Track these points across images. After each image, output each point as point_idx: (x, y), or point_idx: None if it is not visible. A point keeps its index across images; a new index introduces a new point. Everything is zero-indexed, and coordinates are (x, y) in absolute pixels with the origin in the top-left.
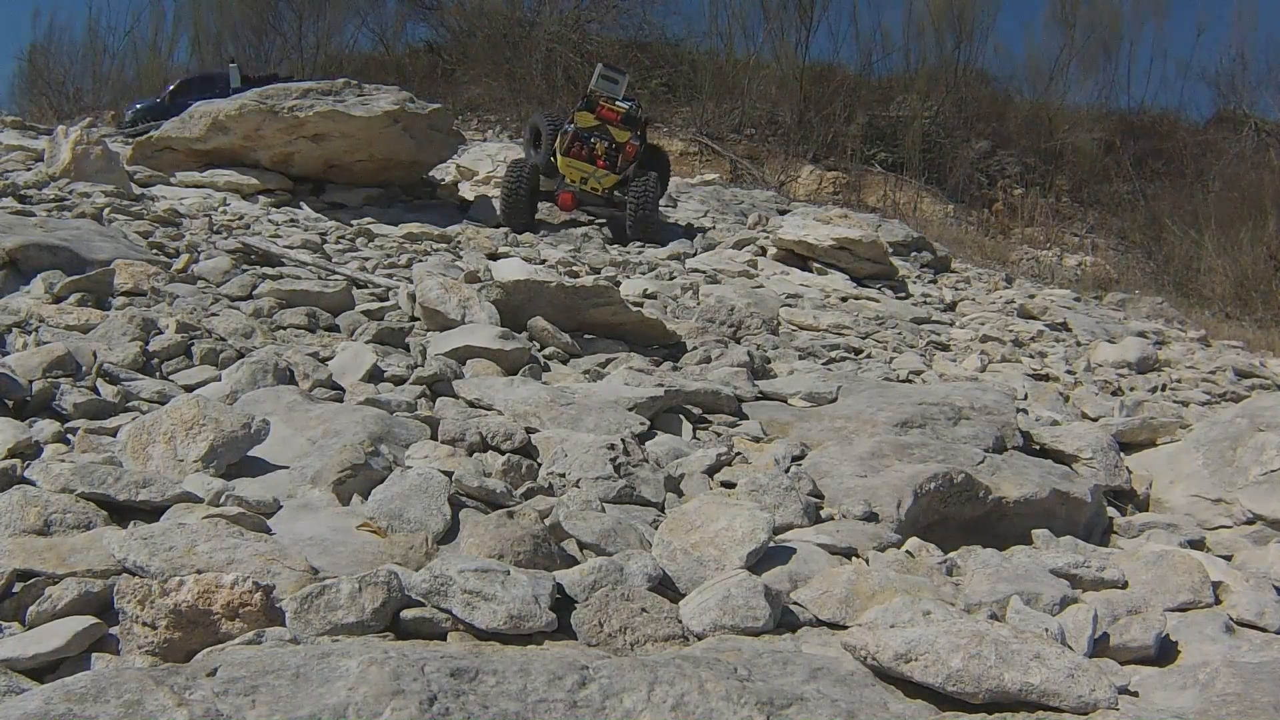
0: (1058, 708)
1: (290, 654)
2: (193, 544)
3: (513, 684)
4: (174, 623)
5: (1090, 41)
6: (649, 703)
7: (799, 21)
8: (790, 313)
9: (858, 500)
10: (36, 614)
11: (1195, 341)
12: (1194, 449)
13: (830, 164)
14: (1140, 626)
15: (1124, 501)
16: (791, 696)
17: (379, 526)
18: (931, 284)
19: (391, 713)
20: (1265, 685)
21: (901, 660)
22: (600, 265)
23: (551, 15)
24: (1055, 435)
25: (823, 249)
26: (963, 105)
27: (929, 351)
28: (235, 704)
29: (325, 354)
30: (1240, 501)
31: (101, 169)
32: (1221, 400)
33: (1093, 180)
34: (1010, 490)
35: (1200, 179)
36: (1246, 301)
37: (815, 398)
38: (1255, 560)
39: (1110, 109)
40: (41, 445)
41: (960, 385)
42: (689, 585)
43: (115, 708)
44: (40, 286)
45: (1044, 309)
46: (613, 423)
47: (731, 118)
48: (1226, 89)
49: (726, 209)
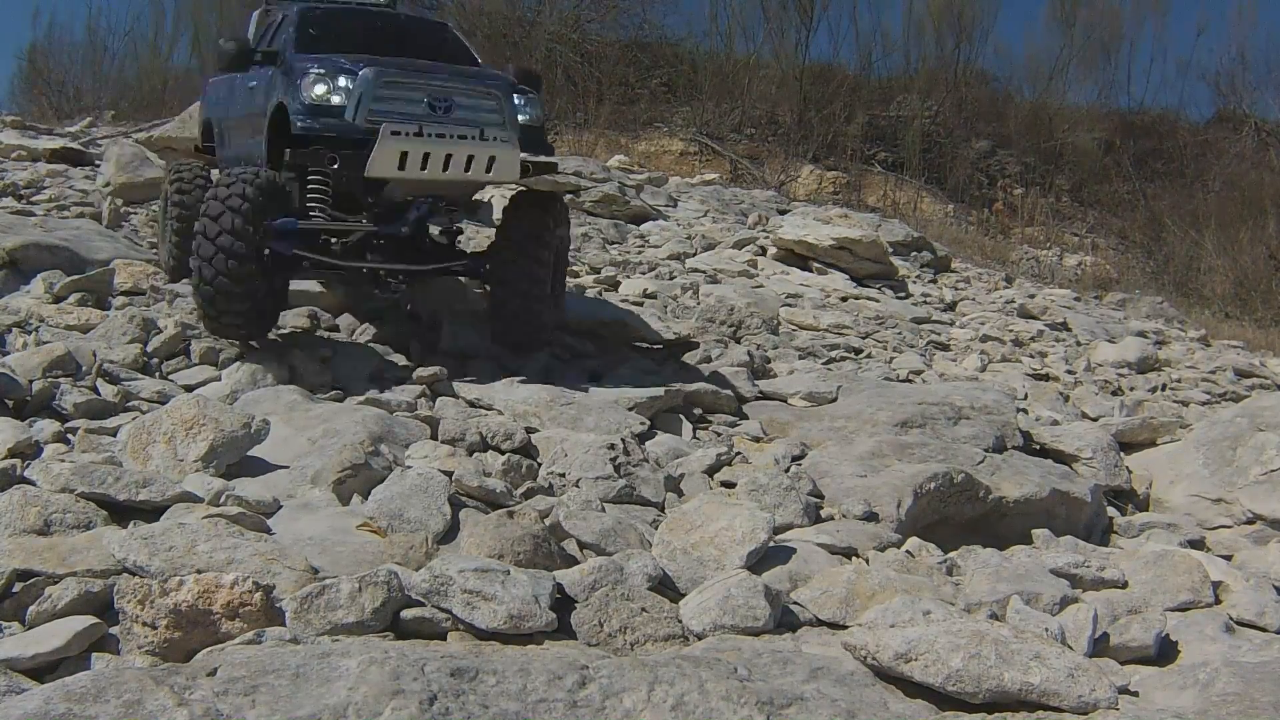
0: (1058, 707)
1: (290, 654)
2: (193, 543)
3: (513, 684)
4: (174, 622)
5: (1090, 41)
6: (649, 703)
7: (799, 21)
8: (790, 312)
9: (858, 500)
10: (36, 614)
11: (1195, 341)
12: (1194, 449)
13: (830, 164)
14: (1140, 626)
15: (1124, 501)
16: (791, 696)
17: (379, 526)
18: (931, 284)
19: (391, 712)
20: (1265, 685)
21: (901, 660)
22: (600, 265)
23: (551, 15)
24: (1055, 435)
25: (823, 249)
26: (963, 105)
27: (929, 351)
28: (235, 704)
29: (324, 353)
30: (1240, 501)
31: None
32: (1221, 400)
33: (1093, 180)
34: (1010, 490)
35: (1200, 179)
36: (1246, 301)
37: (815, 397)
38: (1255, 560)
39: (1110, 109)
40: (41, 445)
41: (960, 385)
42: (689, 585)
43: (115, 707)
44: (40, 286)
45: (1044, 309)
46: (613, 423)
47: (731, 118)
48: (1226, 89)
49: (726, 209)
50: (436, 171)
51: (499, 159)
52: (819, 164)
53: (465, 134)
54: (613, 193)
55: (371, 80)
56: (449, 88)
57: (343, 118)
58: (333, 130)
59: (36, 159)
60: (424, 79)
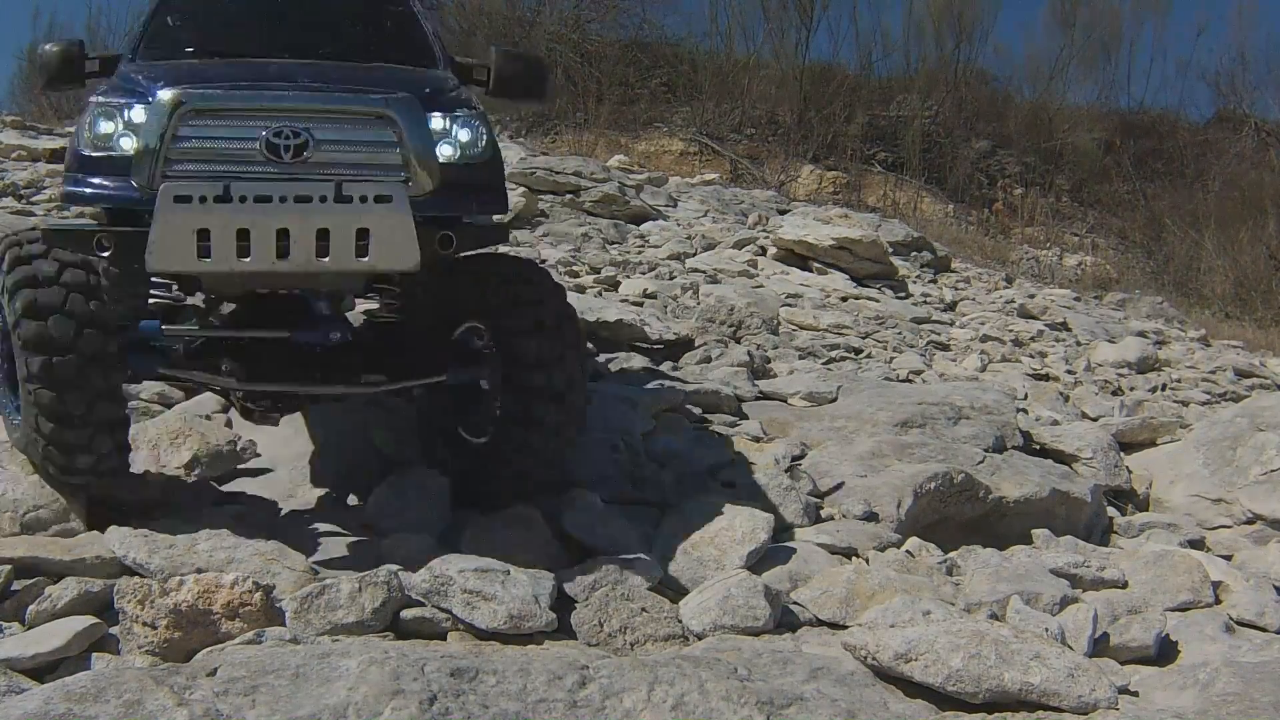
0: (1058, 707)
1: (290, 654)
2: (193, 542)
3: (513, 684)
4: (174, 622)
5: (1090, 41)
6: (649, 703)
7: (799, 21)
8: (790, 312)
9: (858, 500)
10: (36, 613)
11: (1195, 341)
12: (1194, 449)
13: (830, 164)
14: (1140, 626)
15: (1124, 501)
16: (791, 696)
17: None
18: (931, 284)
19: (391, 712)
20: (1265, 685)
21: (901, 660)
22: (600, 265)
23: (551, 15)
24: (1055, 435)
25: (823, 249)
26: (963, 105)
27: (929, 351)
28: (235, 704)
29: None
30: (1240, 501)
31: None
32: (1221, 400)
33: (1093, 180)
34: (1010, 490)
35: (1200, 179)
36: (1246, 301)
37: (815, 397)
38: (1255, 560)
39: (1110, 109)
40: None
41: (960, 385)
42: (689, 585)
43: (115, 707)
44: None
45: (1044, 309)
46: (613, 423)
47: (731, 118)
48: (1226, 89)
49: (726, 209)
50: (266, 259)
51: (376, 233)
52: (819, 164)
53: (313, 192)
54: (613, 193)
55: (167, 108)
56: (305, 110)
57: (128, 175)
58: (109, 195)
59: (36, 159)
60: (268, 96)
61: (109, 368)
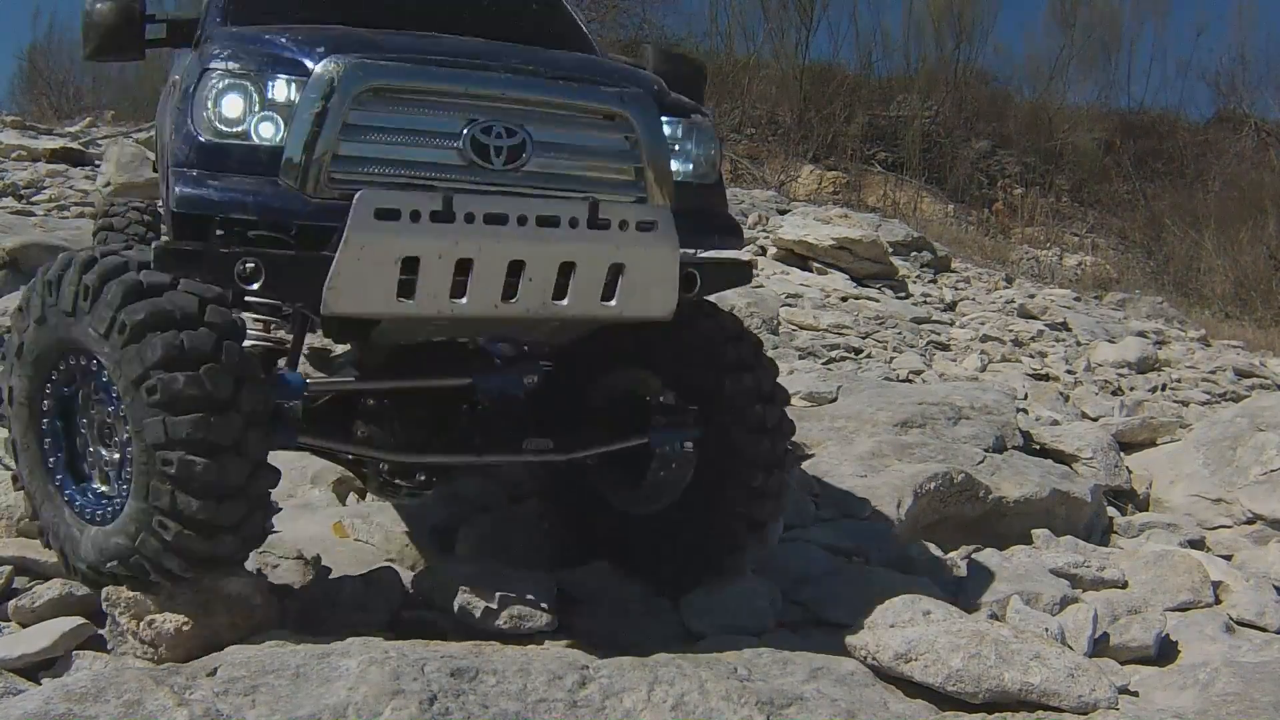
0: (1058, 707)
1: (290, 654)
2: None
3: (513, 684)
4: (173, 644)
5: (1090, 41)
6: (649, 702)
7: (799, 21)
8: (790, 312)
9: (858, 500)
10: (15, 609)
11: (1195, 341)
12: (1194, 449)
13: (830, 164)
14: (1140, 626)
15: (1124, 501)
16: (791, 696)
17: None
18: (931, 284)
19: (391, 712)
20: (1265, 685)
21: (901, 660)
22: None
23: None
24: (1055, 435)
25: (823, 249)
26: (963, 105)
27: (929, 351)
28: (235, 703)
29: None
30: (1240, 501)
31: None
32: (1221, 400)
33: (1093, 180)
34: (1010, 490)
35: (1200, 179)
36: (1246, 301)
37: (815, 397)
38: (1255, 560)
39: (1110, 109)
40: None
41: (960, 385)
42: (690, 585)
43: (115, 707)
44: None
45: (1044, 309)
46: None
47: (731, 117)
48: (1226, 89)
49: None
50: (488, 301)
51: (632, 270)
52: (819, 164)
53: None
54: None
55: (344, 80)
56: (521, 101)
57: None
58: (253, 201)
59: (36, 159)
60: (476, 78)
61: (269, 429)
